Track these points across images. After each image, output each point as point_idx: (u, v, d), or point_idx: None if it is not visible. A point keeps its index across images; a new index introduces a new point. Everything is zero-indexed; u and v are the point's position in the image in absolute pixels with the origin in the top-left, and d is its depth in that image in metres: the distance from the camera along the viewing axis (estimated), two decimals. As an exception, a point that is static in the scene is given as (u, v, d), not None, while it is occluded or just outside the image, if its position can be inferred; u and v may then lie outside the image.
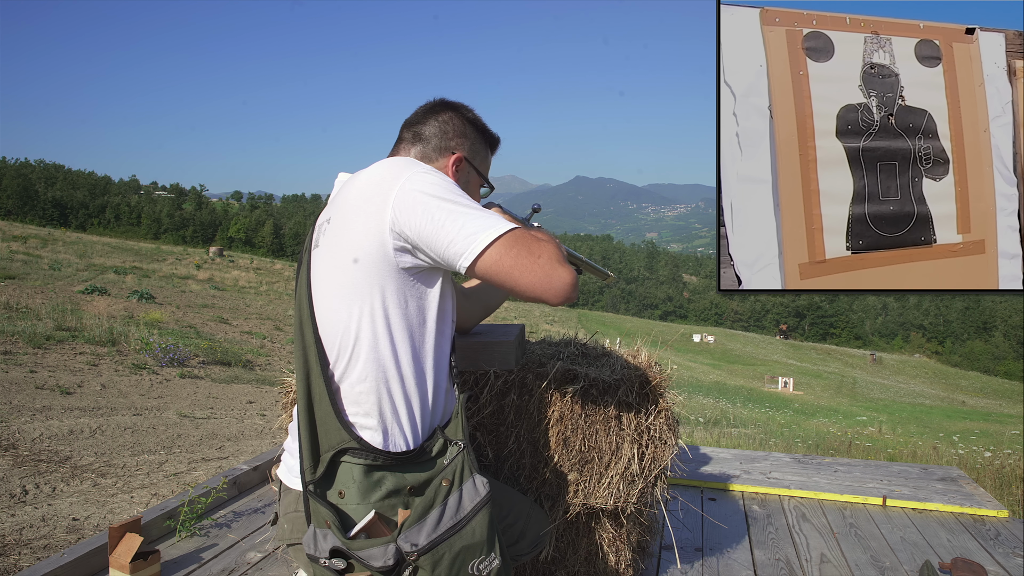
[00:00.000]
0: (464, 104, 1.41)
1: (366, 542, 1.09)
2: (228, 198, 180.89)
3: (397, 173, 1.14)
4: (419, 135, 1.36)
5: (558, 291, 1.07)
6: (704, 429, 9.46)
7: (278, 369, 11.11)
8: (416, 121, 1.37)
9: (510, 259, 1.06)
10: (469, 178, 1.40)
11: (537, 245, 1.08)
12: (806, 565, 2.45)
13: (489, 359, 1.75)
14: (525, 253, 1.07)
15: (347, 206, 1.17)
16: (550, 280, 1.07)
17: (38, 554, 2.82)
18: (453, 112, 1.38)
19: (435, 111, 1.38)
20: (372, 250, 1.12)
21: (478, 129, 1.41)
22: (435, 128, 1.36)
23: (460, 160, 1.36)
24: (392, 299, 1.14)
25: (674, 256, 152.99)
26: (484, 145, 1.43)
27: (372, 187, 1.14)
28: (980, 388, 52.22)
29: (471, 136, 1.39)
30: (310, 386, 1.18)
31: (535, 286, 1.07)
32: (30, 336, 8.60)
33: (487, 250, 1.06)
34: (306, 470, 1.15)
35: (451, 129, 1.37)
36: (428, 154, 1.35)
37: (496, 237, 1.06)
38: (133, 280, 26.95)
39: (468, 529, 1.13)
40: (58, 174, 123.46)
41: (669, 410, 1.85)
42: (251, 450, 5.10)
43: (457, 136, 1.37)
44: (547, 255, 1.07)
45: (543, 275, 1.07)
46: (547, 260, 1.07)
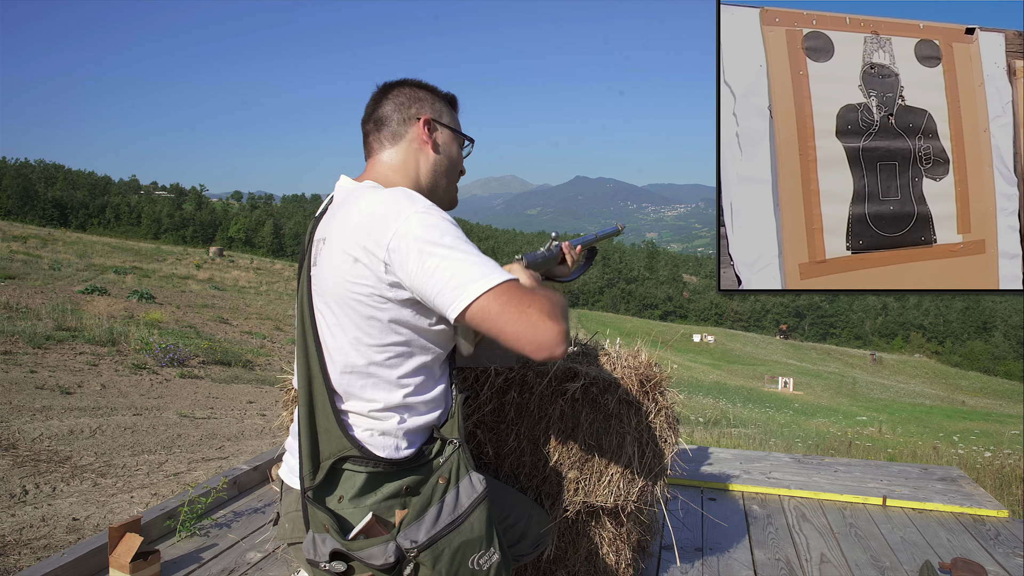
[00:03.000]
0: (407, 78, 1.40)
1: (366, 542, 1.09)
2: (228, 198, 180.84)
3: (396, 212, 1.11)
4: (379, 120, 1.35)
5: (541, 343, 1.01)
6: (704, 429, 9.47)
7: (278, 369, 11.11)
8: (371, 111, 1.36)
9: (496, 307, 1.03)
10: (444, 137, 1.38)
11: (527, 296, 1.04)
12: (806, 565, 2.45)
13: (490, 356, 1.75)
14: (514, 303, 1.03)
15: (343, 235, 1.15)
16: (534, 332, 1.02)
17: (38, 554, 2.82)
18: (398, 87, 1.37)
19: (384, 93, 1.37)
20: (368, 282, 1.12)
21: (430, 91, 1.39)
22: (391, 106, 1.35)
23: (428, 121, 1.34)
24: (391, 317, 1.14)
25: (674, 256, 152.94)
26: (445, 103, 1.41)
27: (369, 223, 1.12)
28: (980, 388, 52.22)
29: (427, 98, 1.37)
30: (312, 394, 1.18)
31: (518, 336, 1.02)
32: (30, 336, 8.60)
33: (475, 302, 1.04)
34: (305, 476, 1.16)
35: (404, 100, 1.35)
36: (396, 131, 1.33)
37: (485, 290, 1.03)
38: (133, 280, 26.96)
39: (467, 525, 1.14)
40: (58, 174, 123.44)
41: (669, 409, 1.86)
42: (251, 450, 5.10)
43: (414, 103, 1.35)
44: (537, 307, 1.03)
45: (528, 325, 1.02)
46: (536, 312, 1.02)
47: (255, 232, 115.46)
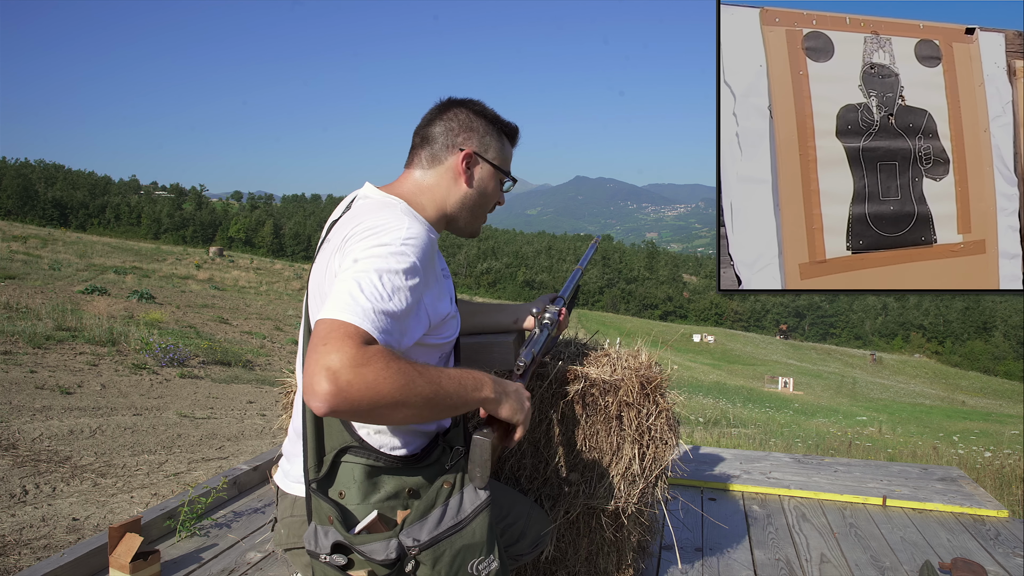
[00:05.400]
0: (473, 100, 1.38)
1: (368, 537, 1.10)
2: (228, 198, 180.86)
3: (372, 234, 1.10)
4: (426, 138, 1.35)
5: (306, 387, 0.89)
6: (704, 429, 9.46)
7: (278, 369, 11.11)
8: (424, 124, 1.36)
9: (316, 335, 0.95)
10: (483, 172, 1.37)
11: (342, 342, 0.91)
12: (806, 565, 2.45)
13: (490, 359, 1.76)
14: (322, 339, 0.92)
15: (336, 239, 1.18)
16: (310, 378, 0.89)
17: (38, 554, 2.82)
18: (459, 108, 1.36)
19: (441, 111, 1.36)
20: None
21: (488, 120, 1.37)
22: (441, 128, 1.34)
23: (469, 156, 1.33)
24: None
25: (674, 256, 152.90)
26: (497, 137, 1.38)
27: (352, 237, 1.13)
28: (980, 388, 52.23)
29: (480, 129, 1.35)
30: None
31: (305, 374, 0.91)
32: (30, 336, 8.60)
33: (318, 321, 0.97)
34: (310, 468, 1.17)
35: (456, 126, 1.34)
36: (436, 154, 1.33)
37: (329, 316, 0.96)
38: (133, 280, 26.95)
39: (469, 529, 1.15)
40: (58, 174, 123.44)
41: (669, 410, 1.85)
42: (251, 450, 5.10)
43: (464, 132, 1.34)
44: (337, 357, 0.89)
45: (310, 363, 0.90)
46: (329, 357, 0.89)
47: (255, 232, 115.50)
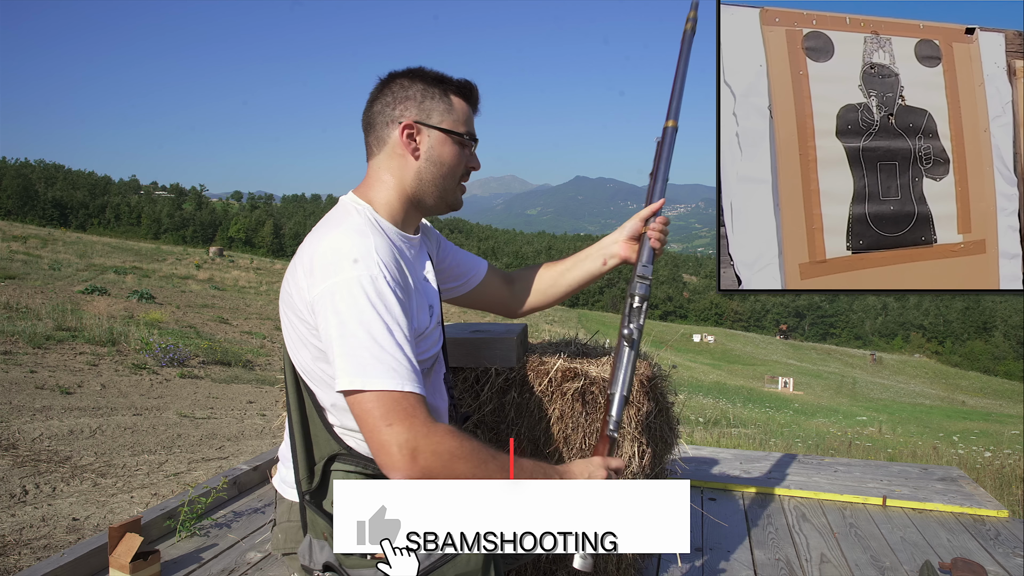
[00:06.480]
0: (408, 68, 1.24)
1: (361, 561, 1.08)
2: (228, 198, 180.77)
3: (334, 270, 1.06)
4: (369, 123, 1.24)
5: (384, 464, 0.99)
6: (704, 429, 9.46)
7: (278, 369, 11.10)
8: (365, 109, 1.26)
9: (359, 410, 1.02)
10: (431, 140, 1.22)
11: (390, 415, 0.99)
12: (806, 565, 2.45)
13: (491, 356, 1.76)
14: (373, 417, 1.00)
15: (299, 259, 1.13)
16: (379, 452, 0.99)
17: (38, 554, 2.82)
18: (390, 82, 1.23)
19: (377, 90, 1.25)
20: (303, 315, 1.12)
21: (427, 83, 1.22)
22: (379, 106, 1.23)
23: (409, 126, 1.20)
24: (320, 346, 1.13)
25: (674, 256, 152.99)
26: (441, 98, 1.22)
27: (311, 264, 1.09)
28: (980, 388, 52.21)
29: (416, 96, 1.21)
30: (301, 397, 1.18)
31: (373, 451, 1.01)
32: (30, 336, 8.60)
33: (348, 394, 1.03)
34: (302, 479, 1.16)
35: (392, 99, 1.22)
36: (380, 136, 1.22)
37: (359, 389, 1.01)
38: (133, 280, 26.94)
39: (462, 558, 1.08)
40: (58, 174, 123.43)
41: (669, 410, 1.86)
42: (251, 450, 5.10)
43: (399, 103, 1.21)
44: (393, 433, 0.98)
45: (376, 445, 0.99)
46: (387, 437, 0.98)
47: (255, 232, 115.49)
